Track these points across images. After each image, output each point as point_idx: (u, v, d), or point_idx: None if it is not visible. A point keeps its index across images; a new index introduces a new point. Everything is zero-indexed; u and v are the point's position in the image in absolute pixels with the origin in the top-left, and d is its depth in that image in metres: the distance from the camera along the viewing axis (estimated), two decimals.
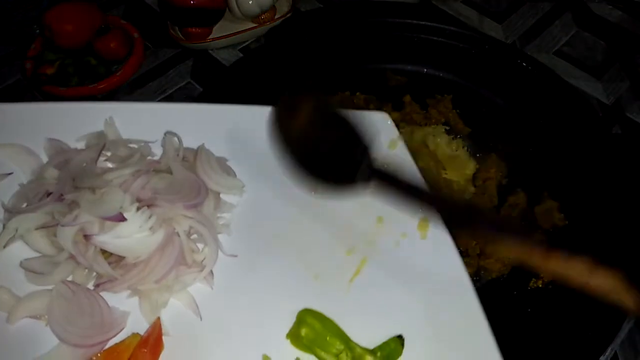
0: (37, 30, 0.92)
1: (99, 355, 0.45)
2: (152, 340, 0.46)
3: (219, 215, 0.54)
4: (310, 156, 0.44)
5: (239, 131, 0.59)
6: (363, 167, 0.44)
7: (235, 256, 0.52)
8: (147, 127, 0.57)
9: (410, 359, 0.46)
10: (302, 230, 0.53)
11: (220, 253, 0.51)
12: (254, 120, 0.59)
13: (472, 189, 0.73)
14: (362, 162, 0.44)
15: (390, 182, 0.44)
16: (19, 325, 0.47)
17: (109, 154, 0.56)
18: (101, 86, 0.87)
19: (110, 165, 0.56)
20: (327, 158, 0.45)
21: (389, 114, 0.78)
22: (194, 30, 0.91)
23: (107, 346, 0.46)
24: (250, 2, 0.89)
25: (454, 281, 0.50)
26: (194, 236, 0.53)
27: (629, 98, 0.88)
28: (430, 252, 0.52)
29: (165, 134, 0.57)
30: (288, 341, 0.47)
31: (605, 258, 0.63)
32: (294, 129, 0.44)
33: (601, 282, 0.38)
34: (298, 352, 0.47)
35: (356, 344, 0.46)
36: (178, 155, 0.56)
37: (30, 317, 0.47)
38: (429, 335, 0.47)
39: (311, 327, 0.47)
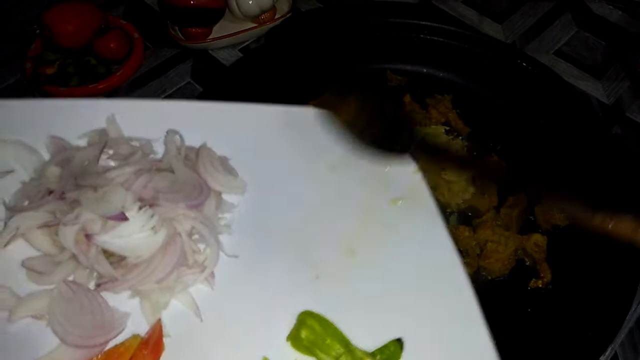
0: (37, 30, 0.92)
1: (99, 356, 0.45)
2: (153, 342, 0.45)
3: (220, 215, 0.54)
4: (364, 134, 0.55)
5: (241, 130, 0.58)
6: (407, 139, 0.56)
7: (237, 257, 0.51)
8: (149, 124, 0.57)
9: None
10: (304, 231, 0.53)
11: (221, 254, 0.51)
12: (257, 119, 0.59)
13: (472, 189, 0.73)
14: (406, 136, 0.56)
15: (432, 150, 0.58)
16: (19, 325, 0.46)
17: (110, 152, 0.56)
18: (101, 86, 0.87)
19: (112, 163, 0.55)
20: (379, 134, 0.56)
21: None
22: (194, 30, 0.91)
23: (107, 347, 0.46)
24: (250, 2, 0.89)
25: (453, 284, 0.50)
26: (195, 236, 0.52)
27: (629, 98, 0.88)
28: (430, 255, 0.52)
29: (167, 132, 0.57)
30: (288, 343, 0.47)
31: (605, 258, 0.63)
32: (347, 115, 0.56)
33: None
34: (298, 355, 0.46)
35: (356, 347, 0.46)
36: (180, 153, 0.56)
37: (31, 317, 0.47)
38: (428, 338, 0.47)
39: (311, 330, 0.46)
